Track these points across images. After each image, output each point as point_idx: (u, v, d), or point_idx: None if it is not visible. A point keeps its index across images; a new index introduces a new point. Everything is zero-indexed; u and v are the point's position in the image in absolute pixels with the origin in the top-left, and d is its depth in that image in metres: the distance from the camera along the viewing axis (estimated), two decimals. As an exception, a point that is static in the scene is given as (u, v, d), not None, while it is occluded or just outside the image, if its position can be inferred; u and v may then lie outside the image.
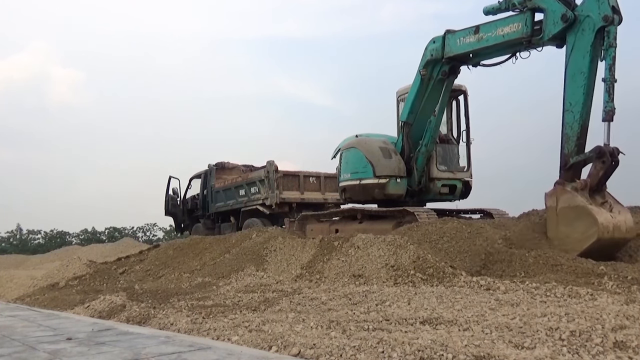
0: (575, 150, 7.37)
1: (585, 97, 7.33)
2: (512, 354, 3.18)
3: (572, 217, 6.97)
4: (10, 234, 43.90)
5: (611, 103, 6.98)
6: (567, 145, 7.45)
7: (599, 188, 7.25)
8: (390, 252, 7.22)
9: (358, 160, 10.51)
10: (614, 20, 7.06)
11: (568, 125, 7.46)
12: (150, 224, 45.07)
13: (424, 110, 9.95)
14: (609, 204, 7.19)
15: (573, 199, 7.00)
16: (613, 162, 7.11)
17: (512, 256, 6.92)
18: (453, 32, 9.09)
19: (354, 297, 5.74)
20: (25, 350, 4.10)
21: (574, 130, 7.40)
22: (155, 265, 10.84)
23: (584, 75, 7.32)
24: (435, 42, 9.38)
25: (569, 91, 7.47)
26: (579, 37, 7.37)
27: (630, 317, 3.98)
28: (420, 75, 9.68)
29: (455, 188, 10.59)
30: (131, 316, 5.93)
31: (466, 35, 8.84)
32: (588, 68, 7.31)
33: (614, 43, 7.07)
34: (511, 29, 8.14)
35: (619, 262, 6.97)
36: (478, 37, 8.61)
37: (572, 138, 7.42)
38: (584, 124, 7.41)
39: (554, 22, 7.62)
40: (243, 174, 17.14)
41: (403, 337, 3.70)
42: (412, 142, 10.21)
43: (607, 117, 7.01)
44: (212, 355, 3.63)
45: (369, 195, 10.39)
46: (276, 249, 9.14)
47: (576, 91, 7.39)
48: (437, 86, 9.70)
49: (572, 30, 7.45)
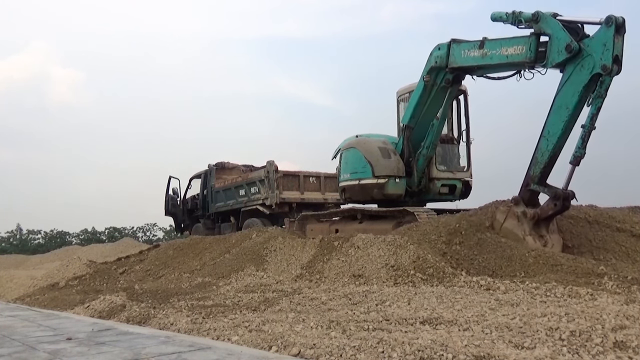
0: (539, 177, 7.70)
1: (563, 132, 7.51)
2: (512, 354, 3.18)
3: (510, 236, 7.47)
4: (10, 234, 43.96)
5: (582, 150, 7.26)
6: (534, 169, 7.77)
7: (547, 220, 7.71)
8: (390, 252, 7.23)
9: (357, 161, 10.52)
10: (611, 71, 7.01)
11: (540, 151, 7.72)
12: (150, 224, 45.13)
13: (425, 115, 9.92)
14: (546, 238, 7.61)
15: (516, 226, 7.52)
16: (564, 205, 7.54)
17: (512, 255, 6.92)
18: (459, 43, 8.99)
19: (354, 297, 5.74)
20: (25, 350, 4.10)
21: (543, 157, 7.67)
22: (155, 265, 10.84)
23: (568, 112, 7.41)
24: (440, 49, 9.26)
25: (551, 120, 7.62)
26: (577, 72, 7.34)
27: (630, 317, 3.98)
28: (423, 82, 9.61)
29: (455, 188, 10.59)
30: (131, 316, 5.93)
31: (471, 48, 8.75)
32: (574, 107, 7.37)
33: (603, 94, 7.11)
34: (515, 50, 8.06)
35: (619, 262, 6.98)
36: (483, 53, 8.55)
37: (539, 164, 7.70)
38: (553, 155, 7.66)
39: (558, 51, 7.51)
40: (243, 174, 17.14)
41: (403, 337, 3.70)
42: (412, 146, 10.20)
43: (574, 162, 7.32)
44: (212, 355, 3.63)
45: (368, 195, 10.40)
46: (276, 249, 9.14)
47: (557, 123, 7.54)
48: (440, 93, 9.65)
49: (573, 61, 7.37)
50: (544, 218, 7.63)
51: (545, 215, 7.61)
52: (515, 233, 7.47)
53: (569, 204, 7.62)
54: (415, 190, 10.26)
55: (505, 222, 7.60)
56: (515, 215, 7.58)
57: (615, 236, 7.93)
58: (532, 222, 7.59)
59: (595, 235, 7.97)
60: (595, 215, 8.43)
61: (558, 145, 7.59)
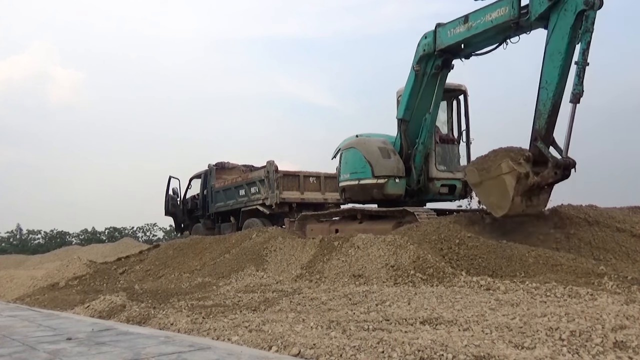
0: (545, 128, 7.72)
1: (560, 77, 7.59)
2: (512, 354, 3.18)
3: (501, 188, 7.62)
4: (10, 234, 43.85)
5: (580, 86, 7.27)
6: (539, 121, 7.80)
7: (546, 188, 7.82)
8: (390, 252, 7.23)
9: (357, 161, 10.53)
10: (594, 5, 7.18)
11: (542, 102, 7.77)
12: (150, 224, 45.00)
13: (419, 106, 10.04)
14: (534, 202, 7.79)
15: (512, 185, 7.49)
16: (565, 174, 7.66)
17: (512, 255, 6.92)
18: (443, 25, 9.28)
19: (354, 297, 5.74)
20: (25, 350, 4.10)
21: (546, 107, 7.71)
22: (155, 265, 10.84)
23: (561, 56, 7.53)
24: (427, 37, 9.57)
25: (546, 69, 7.73)
26: (561, 17, 7.53)
27: (630, 317, 3.98)
28: (414, 72, 9.83)
29: (455, 188, 10.58)
30: (131, 316, 5.93)
31: (456, 25, 9.02)
32: (565, 49, 7.50)
33: (590, 28, 7.21)
34: (499, 13, 8.31)
35: (619, 262, 6.98)
36: (468, 26, 8.79)
37: (544, 115, 7.74)
38: (555, 103, 7.69)
39: (540, 2, 7.78)
40: (243, 174, 17.14)
41: (403, 337, 3.71)
42: (409, 140, 10.26)
43: (574, 99, 7.33)
44: (212, 355, 3.63)
45: (367, 195, 10.40)
46: (276, 249, 9.14)
47: (552, 70, 7.63)
48: (431, 81, 9.83)
49: (556, 9, 7.61)
50: (542, 185, 7.70)
51: (545, 183, 7.69)
52: (508, 191, 7.53)
53: (569, 172, 7.67)
54: (415, 189, 10.26)
55: (505, 175, 7.61)
56: (517, 175, 7.53)
57: (615, 236, 7.92)
58: (530, 187, 7.62)
59: (595, 235, 7.96)
60: (595, 215, 8.43)
61: (557, 92, 7.64)
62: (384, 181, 10.09)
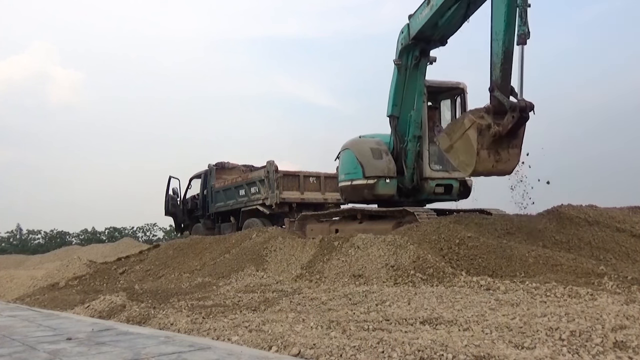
0: (501, 77, 7.72)
1: (507, 26, 7.60)
2: (512, 354, 3.18)
3: (467, 144, 7.71)
4: (10, 234, 43.83)
5: (524, 27, 7.37)
6: (495, 72, 7.81)
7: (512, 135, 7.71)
8: (390, 252, 7.23)
9: (350, 162, 10.63)
10: None
11: (494, 53, 7.80)
12: (150, 224, 44.97)
13: (406, 101, 10.16)
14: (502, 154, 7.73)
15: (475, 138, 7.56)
16: (522, 117, 7.54)
17: (512, 255, 6.92)
18: (413, 14, 9.52)
19: (354, 297, 5.74)
20: (25, 350, 4.10)
21: (499, 57, 7.73)
22: (155, 265, 10.84)
23: (504, 4, 7.58)
24: (403, 31, 9.80)
25: (494, 21, 7.79)
26: None
27: (630, 317, 3.98)
28: (396, 66, 10.01)
29: (452, 188, 10.53)
30: (131, 316, 5.93)
31: (422, 10, 9.26)
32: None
33: None
34: None
35: (619, 262, 6.98)
36: (430, 6, 8.98)
37: (497, 65, 7.75)
38: (507, 51, 7.69)
39: None
40: (243, 174, 17.14)
41: (403, 337, 3.71)
42: (400, 136, 10.35)
43: (520, 41, 7.42)
44: (212, 355, 3.63)
45: (359, 195, 10.46)
46: (276, 249, 9.14)
47: (499, 19, 7.68)
48: (413, 73, 9.98)
49: None
50: (507, 133, 7.61)
51: (506, 130, 7.57)
52: (472, 145, 7.58)
53: (527, 114, 7.58)
54: (409, 188, 10.25)
55: (468, 131, 7.69)
56: (478, 127, 7.58)
57: (615, 236, 7.93)
58: (493, 138, 7.59)
59: (595, 235, 7.97)
60: (595, 215, 8.44)
61: (507, 39, 7.65)
62: (373, 182, 10.11)
